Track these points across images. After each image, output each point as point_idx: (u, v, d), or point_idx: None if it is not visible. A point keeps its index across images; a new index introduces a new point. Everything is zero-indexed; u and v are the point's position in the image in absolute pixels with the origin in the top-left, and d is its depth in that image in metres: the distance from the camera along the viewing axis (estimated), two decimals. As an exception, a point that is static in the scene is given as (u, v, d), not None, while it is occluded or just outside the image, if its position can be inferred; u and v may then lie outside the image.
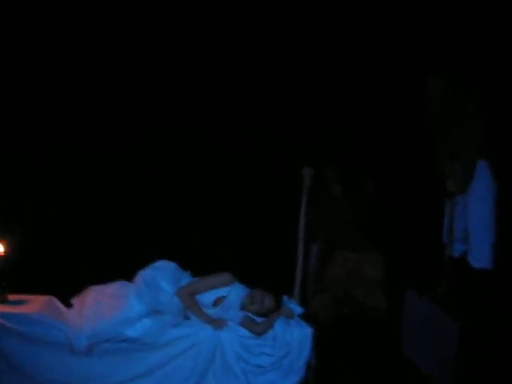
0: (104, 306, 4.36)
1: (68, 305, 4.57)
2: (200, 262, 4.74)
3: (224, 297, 4.53)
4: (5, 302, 4.48)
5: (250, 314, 4.55)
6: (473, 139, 4.74)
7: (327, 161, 6.26)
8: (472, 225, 4.85)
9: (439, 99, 4.88)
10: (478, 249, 4.82)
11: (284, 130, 6.62)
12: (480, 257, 4.82)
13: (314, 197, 5.29)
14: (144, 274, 4.55)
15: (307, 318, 4.69)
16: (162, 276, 4.52)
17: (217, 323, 4.43)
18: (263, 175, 6.62)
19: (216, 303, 4.53)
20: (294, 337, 4.46)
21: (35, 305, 4.47)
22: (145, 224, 6.49)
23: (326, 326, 5.49)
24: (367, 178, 6.42)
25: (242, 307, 4.55)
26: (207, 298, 4.52)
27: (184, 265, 4.72)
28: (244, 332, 4.45)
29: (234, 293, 4.54)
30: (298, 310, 4.69)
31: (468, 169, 4.79)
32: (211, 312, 4.52)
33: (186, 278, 4.60)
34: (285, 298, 4.73)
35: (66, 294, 4.66)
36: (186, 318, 4.54)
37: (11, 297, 4.54)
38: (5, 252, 4.54)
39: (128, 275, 4.61)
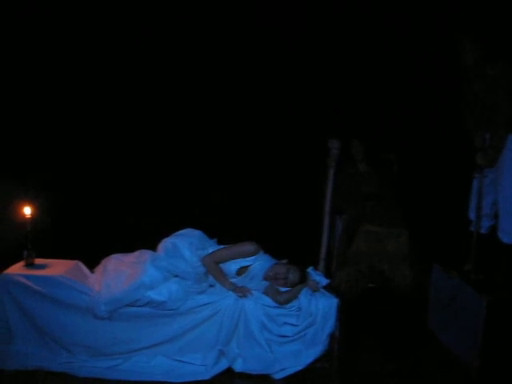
0: (122, 274, 4.42)
1: (93, 271, 4.63)
2: (226, 234, 4.73)
3: (248, 266, 4.52)
4: (31, 265, 4.52)
5: (274, 285, 4.53)
6: (504, 112, 4.65)
7: (354, 134, 6.20)
8: (502, 199, 4.77)
9: (471, 66, 4.79)
10: (508, 224, 4.74)
11: (312, 103, 6.56)
12: (510, 232, 4.74)
13: (341, 171, 5.24)
14: (166, 242, 4.58)
15: (332, 290, 4.67)
16: (185, 243, 4.53)
17: (241, 291, 4.44)
18: (291, 148, 6.58)
19: (239, 273, 4.52)
20: (318, 307, 4.44)
21: (60, 268, 4.52)
22: (174, 194, 6.51)
23: (350, 299, 5.45)
24: (393, 152, 6.36)
25: (265, 279, 4.52)
26: (231, 267, 4.52)
27: (211, 235, 4.73)
28: (268, 301, 4.44)
29: (259, 263, 4.52)
30: (324, 281, 4.66)
31: (498, 142, 4.71)
32: (235, 281, 4.52)
33: (211, 247, 4.60)
34: (310, 269, 4.70)
35: (93, 259, 4.70)
36: (211, 285, 4.56)
37: (37, 260, 4.59)
38: (32, 215, 4.55)
39: (155, 242, 4.63)
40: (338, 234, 5.86)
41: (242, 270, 4.53)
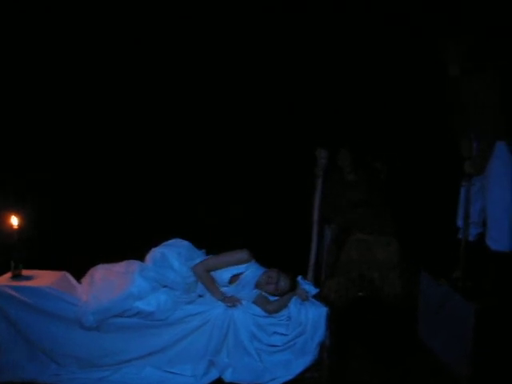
0: (110, 284, 4.38)
1: (80, 281, 4.59)
2: (215, 244, 4.71)
3: (240, 274, 4.50)
4: (18, 276, 4.47)
5: (264, 293, 4.53)
6: (491, 119, 4.68)
7: (341, 143, 6.21)
8: (490, 206, 4.77)
9: (458, 75, 4.83)
10: (496, 231, 4.73)
11: (299, 112, 6.58)
12: (498, 239, 4.73)
13: (329, 180, 5.23)
14: (155, 252, 4.56)
15: (321, 300, 4.65)
16: (174, 254, 4.51)
17: (230, 301, 4.42)
18: (279, 158, 6.59)
19: (232, 281, 4.51)
20: (308, 317, 4.42)
21: (48, 279, 4.48)
22: (162, 203, 6.51)
23: (339, 308, 5.45)
24: (381, 161, 6.38)
25: (257, 286, 4.52)
26: (223, 275, 4.50)
27: (199, 245, 4.71)
28: (258, 310, 4.43)
29: (250, 271, 4.51)
30: (313, 290, 4.64)
31: (485, 149, 4.73)
32: (226, 290, 4.51)
33: (199, 258, 4.58)
34: (299, 278, 4.69)
35: (79, 270, 4.66)
36: (200, 295, 4.54)
37: (24, 272, 4.54)
38: (19, 226, 4.51)
39: (144, 249, 4.61)
40: (326, 243, 5.86)
41: (234, 278, 4.51)
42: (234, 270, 4.50)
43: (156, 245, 4.62)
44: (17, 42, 6.29)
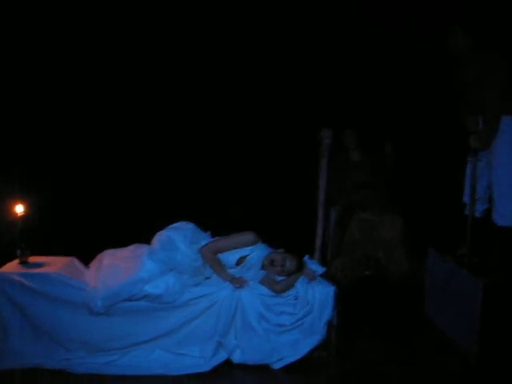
0: (118, 268, 4.38)
1: (88, 266, 4.61)
2: (221, 226, 4.70)
3: (246, 256, 4.50)
4: (25, 263, 4.49)
5: (271, 274, 4.53)
6: (496, 94, 4.63)
7: (346, 123, 6.19)
8: (496, 182, 4.75)
9: (462, 52, 4.79)
10: (503, 206, 4.72)
11: (304, 92, 6.56)
12: (505, 214, 4.72)
13: (335, 160, 5.20)
14: (161, 235, 4.55)
15: (328, 279, 4.65)
16: (180, 236, 4.49)
17: (237, 282, 4.42)
18: (283, 139, 6.57)
19: (238, 263, 4.51)
20: (315, 296, 4.43)
21: (55, 265, 4.49)
22: (167, 187, 6.53)
23: (345, 288, 5.45)
24: (386, 139, 6.35)
25: (263, 268, 4.52)
26: (230, 257, 4.50)
27: (205, 227, 4.70)
28: (265, 290, 4.43)
29: (256, 253, 4.51)
30: (320, 269, 4.65)
31: (491, 124, 4.69)
32: (233, 271, 4.51)
33: (204, 240, 4.57)
34: (306, 258, 4.69)
35: (87, 256, 4.69)
36: (207, 277, 4.54)
37: (31, 258, 4.56)
38: (24, 213, 4.52)
39: (148, 237, 4.60)
40: (332, 223, 5.85)
41: (241, 260, 4.51)
42: (241, 251, 4.50)
43: (160, 228, 4.60)
44: (22, 42, 6.29)
